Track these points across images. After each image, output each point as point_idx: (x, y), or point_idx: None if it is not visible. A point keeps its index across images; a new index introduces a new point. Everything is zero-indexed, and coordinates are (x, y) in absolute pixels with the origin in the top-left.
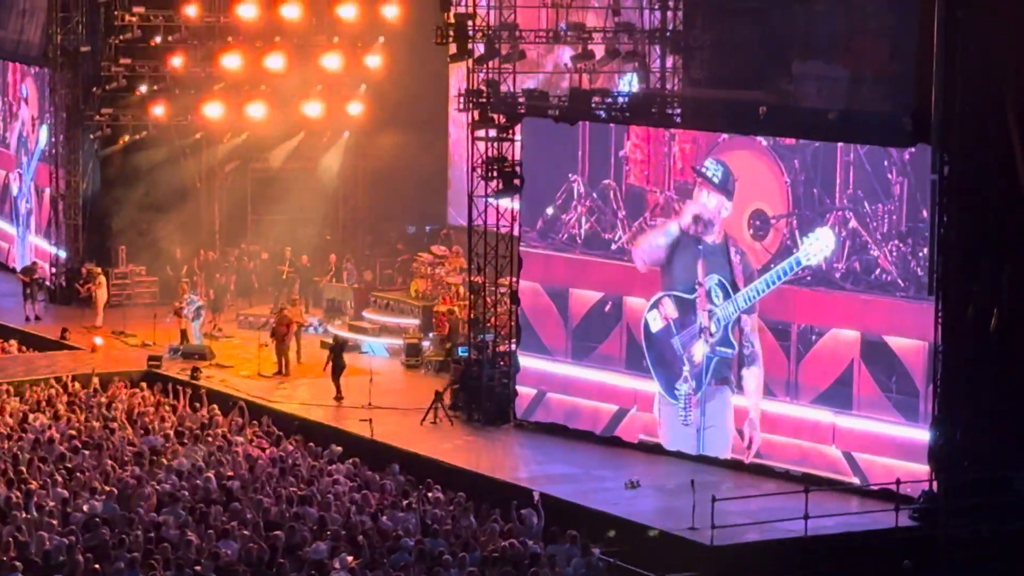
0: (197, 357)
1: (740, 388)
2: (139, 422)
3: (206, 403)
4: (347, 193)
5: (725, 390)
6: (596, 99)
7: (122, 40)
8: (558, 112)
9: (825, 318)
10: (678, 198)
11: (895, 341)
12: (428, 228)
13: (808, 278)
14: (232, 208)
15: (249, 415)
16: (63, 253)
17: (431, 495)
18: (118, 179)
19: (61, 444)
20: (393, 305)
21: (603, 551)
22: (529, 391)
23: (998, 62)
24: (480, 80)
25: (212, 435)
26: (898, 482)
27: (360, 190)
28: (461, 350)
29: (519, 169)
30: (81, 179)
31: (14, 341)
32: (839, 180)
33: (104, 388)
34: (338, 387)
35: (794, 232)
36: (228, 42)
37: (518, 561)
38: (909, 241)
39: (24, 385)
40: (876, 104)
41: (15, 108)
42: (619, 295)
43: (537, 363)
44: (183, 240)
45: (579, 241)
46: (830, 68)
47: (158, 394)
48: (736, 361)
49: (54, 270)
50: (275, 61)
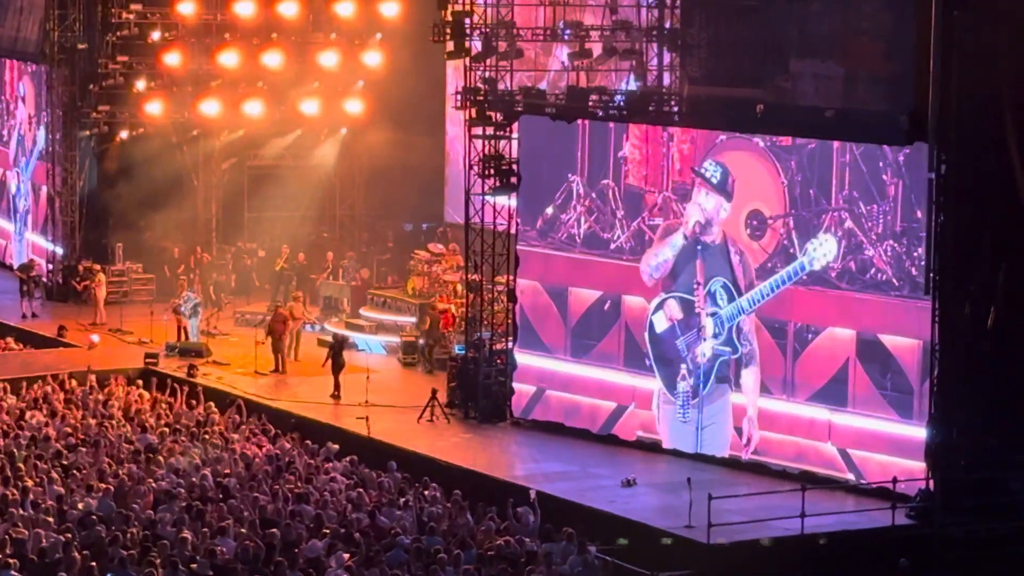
0: (194, 354)
1: (739, 386)
2: (136, 419)
3: (203, 400)
4: (344, 191)
5: (725, 389)
6: (593, 97)
7: (119, 37)
8: (555, 110)
9: (821, 317)
10: (676, 198)
11: (890, 339)
12: (425, 226)
13: (804, 277)
14: (229, 205)
15: (246, 413)
16: (60, 250)
17: (427, 493)
18: (115, 176)
19: (57, 442)
20: (390, 303)
21: (600, 549)
22: (528, 388)
23: (995, 61)
24: (477, 78)
25: (209, 432)
26: (895, 480)
27: (357, 188)
28: (458, 348)
29: (516, 167)
30: (78, 176)
31: (10, 339)
32: (835, 181)
33: (101, 386)
34: (337, 384)
35: (791, 232)
36: (225, 39)
37: (514, 559)
38: (904, 241)
39: (21, 382)
40: (873, 103)
41: (12, 107)
42: (618, 294)
43: (536, 361)
44: (180, 238)
45: (578, 240)
46: (827, 66)
47: (154, 391)
48: (736, 361)
49: (51, 267)
50: (272, 58)
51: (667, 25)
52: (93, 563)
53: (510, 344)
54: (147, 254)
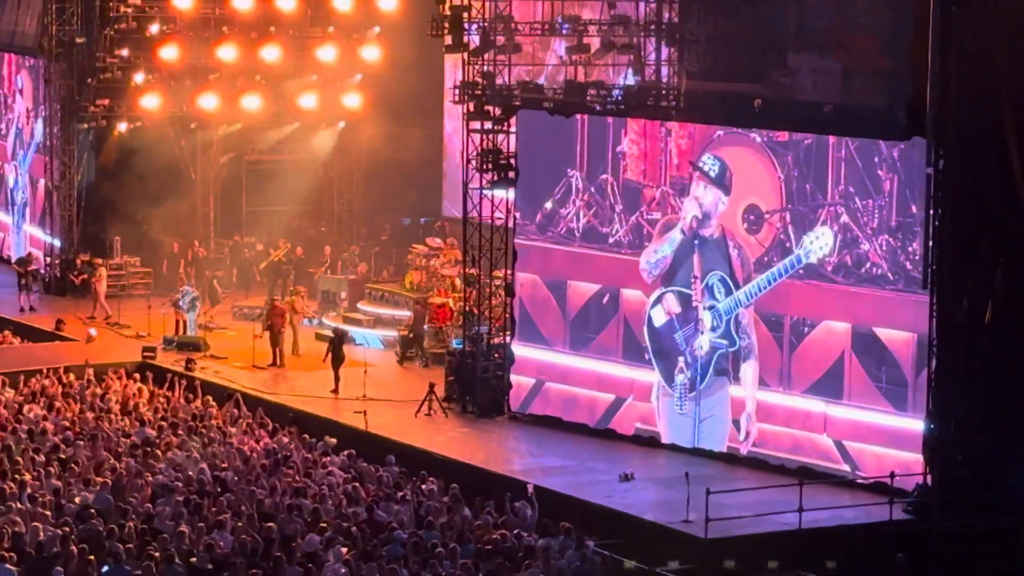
0: (191, 348)
1: (737, 380)
2: (134, 413)
3: (200, 394)
4: (342, 185)
5: (724, 382)
6: (591, 92)
7: (117, 31)
8: (553, 105)
9: (817, 310)
10: (674, 193)
11: (885, 333)
12: (423, 220)
13: (801, 271)
14: (227, 200)
15: (244, 407)
16: (57, 242)
17: (425, 487)
18: (113, 170)
19: (55, 435)
20: (388, 297)
21: (597, 543)
22: (527, 381)
23: (993, 56)
24: (475, 72)
25: (207, 426)
26: (892, 475)
27: (355, 182)
28: (456, 342)
29: (514, 161)
30: (76, 170)
31: (8, 332)
32: (831, 176)
33: (98, 379)
34: (337, 379)
35: (787, 227)
36: (223, 33)
37: (512, 553)
38: (899, 235)
39: (18, 376)
40: (870, 98)
41: (10, 100)
42: (616, 287)
43: (536, 353)
44: (178, 232)
45: (577, 234)
46: (824, 62)
47: (152, 385)
48: (735, 354)
49: (48, 260)
50: (270, 52)
51: (665, 20)
52: (91, 557)
53: (508, 338)
54: (145, 248)
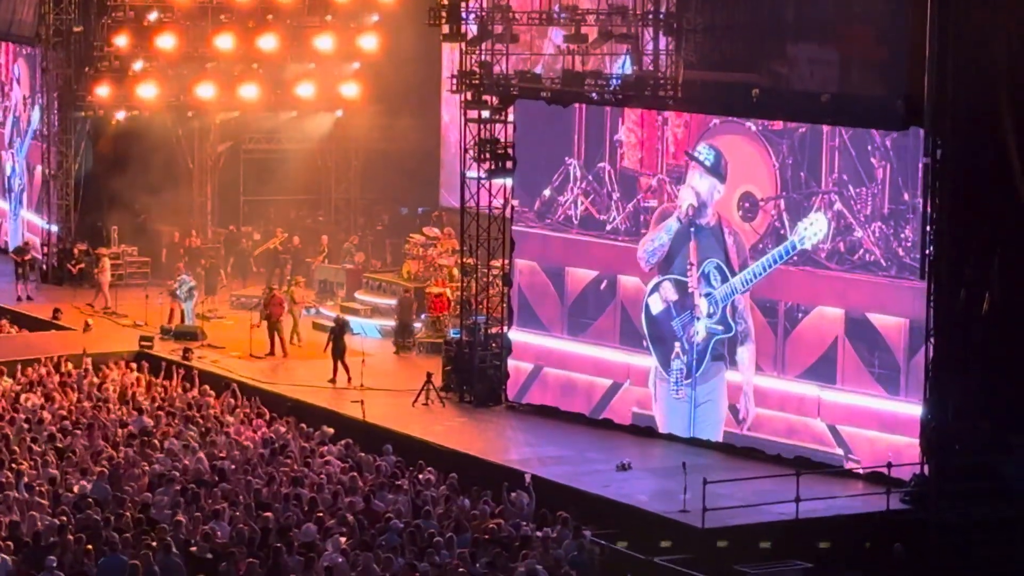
0: (189, 338)
1: (734, 364)
2: (131, 402)
3: (197, 383)
4: (339, 174)
5: (721, 367)
6: (589, 81)
7: (114, 20)
8: (550, 94)
9: (811, 296)
10: (670, 181)
11: (877, 318)
12: (420, 210)
13: (795, 258)
14: (224, 189)
15: (241, 396)
16: (55, 228)
17: (422, 477)
18: (110, 159)
19: (52, 424)
20: (385, 286)
21: (595, 533)
22: (526, 366)
23: (990, 45)
24: (473, 62)
25: (204, 416)
26: (889, 465)
27: (352, 171)
28: (453, 332)
29: (511, 151)
30: (73, 159)
31: (5, 322)
32: (825, 164)
33: (96, 368)
34: (335, 368)
35: (782, 214)
36: (221, 22)
37: (509, 543)
38: (891, 222)
39: (15, 365)
40: (867, 88)
41: (7, 88)
42: (613, 274)
43: (534, 339)
44: (176, 221)
45: (575, 222)
46: (822, 51)
47: (148, 374)
48: (731, 339)
49: (46, 249)
50: (268, 41)
51: (663, 9)
52: (88, 546)
53: (505, 328)
54: (142, 237)
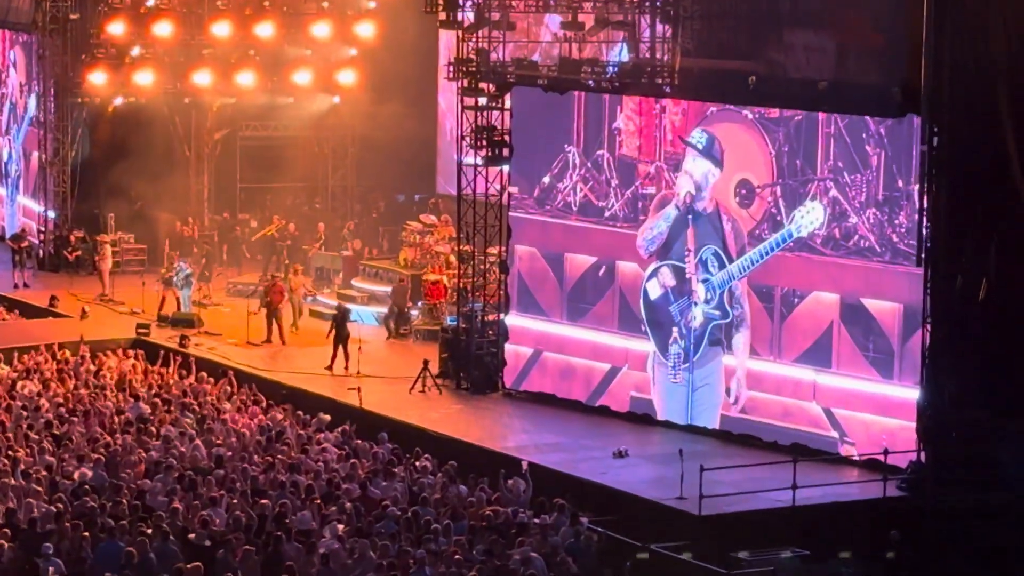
0: (185, 325)
1: (730, 349)
2: (128, 389)
3: (194, 371)
4: (336, 162)
5: (718, 351)
6: (585, 69)
7: (111, 7)
8: (547, 81)
9: (807, 282)
10: (668, 168)
11: (872, 303)
12: (417, 197)
13: (791, 244)
14: (221, 176)
15: (237, 383)
16: (51, 213)
17: (419, 464)
18: (107, 146)
19: (49, 412)
20: (382, 274)
21: (591, 520)
22: (525, 351)
23: (987, 32)
24: (469, 49)
25: (200, 403)
26: (885, 452)
27: (349, 159)
28: (450, 319)
29: (508, 138)
30: (70, 147)
31: (1, 309)
32: (820, 151)
33: (93, 356)
34: (334, 355)
35: (778, 201)
36: (218, 9)
37: (505, 530)
38: (885, 209)
39: (12, 352)
40: (864, 75)
41: (4, 75)
42: (612, 259)
43: (533, 324)
44: (172, 208)
45: (574, 208)
46: (818, 38)
47: (145, 361)
48: (728, 325)
49: (42, 236)
50: (264, 29)
51: None
52: (85, 533)
53: (502, 315)
54: (139, 224)
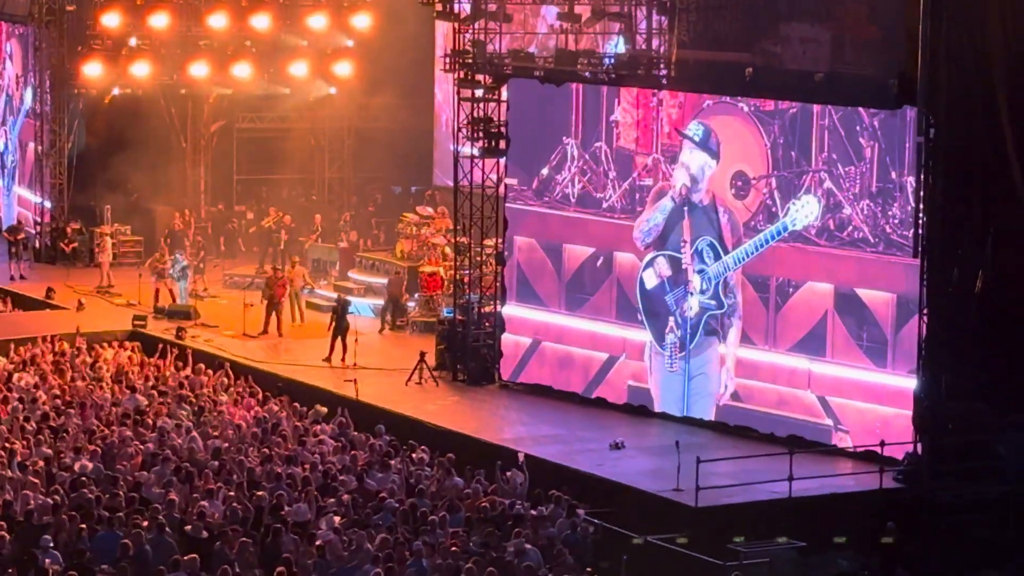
0: (182, 317)
1: (726, 339)
2: (124, 381)
3: (191, 363)
4: (333, 153)
5: (713, 341)
6: (582, 60)
7: None
8: (544, 73)
9: (801, 272)
10: (665, 160)
11: (865, 293)
12: (413, 189)
13: (786, 235)
14: (217, 168)
15: (234, 375)
16: (48, 203)
17: (415, 456)
18: (103, 138)
19: (45, 404)
20: (379, 265)
21: (588, 512)
22: (524, 340)
23: (983, 24)
24: (466, 40)
25: (197, 395)
26: (882, 444)
27: (346, 150)
28: (446, 311)
29: (505, 130)
30: (66, 138)
31: None
32: (815, 144)
33: (89, 347)
34: (332, 347)
35: (773, 192)
36: (214, 1)
37: (502, 521)
38: (879, 200)
39: (8, 344)
40: (859, 67)
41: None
42: (610, 250)
43: (532, 314)
44: (169, 200)
45: (572, 200)
46: (814, 30)
47: (141, 353)
48: (723, 314)
49: (39, 228)
50: (260, 21)
51: None
52: (82, 525)
53: (498, 307)
54: (135, 216)
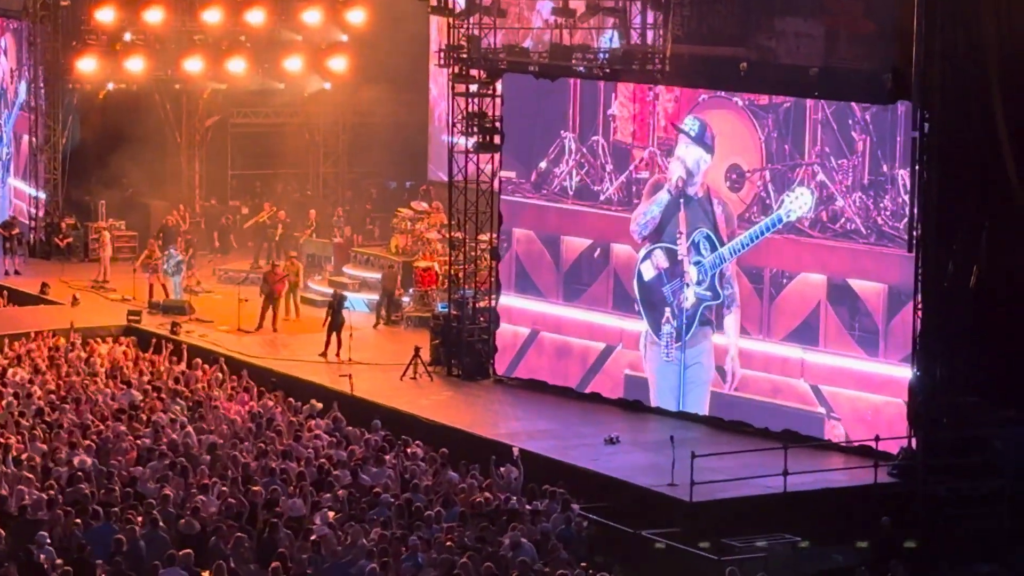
0: (177, 312)
1: (721, 329)
2: (119, 376)
3: (186, 358)
4: (327, 148)
5: (708, 331)
6: (576, 55)
7: None
8: (538, 68)
9: (795, 263)
10: (661, 153)
11: (857, 284)
12: (408, 184)
13: (780, 227)
14: (212, 163)
15: (229, 370)
16: (43, 195)
17: (410, 451)
18: (98, 133)
19: (40, 399)
20: (373, 260)
21: (582, 507)
22: (523, 331)
23: (978, 18)
24: (460, 35)
25: (192, 390)
26: (877, 439)
27: (340, 145)
28: (441, 306)
29: (499, 125)
30: (61, 133)
31: None
32: (808, 137)
33: (84, 343)
34: (328, 342)
35: (767, 185)
36: None
37: (497, 516)
38: (871, 193)
39: (3, 339)
40: (855, 61)
41: None
42: (607, 242)
43: (531, 304)
44: (164, 195)
45: (570, 192)
46: (808, 25)
47: (136, 348)
48: (719, 305)
49: (33, 224)
50: (255, 16)
51: None
52: (77, 520)
53: (493, 302)
54: (130, 211)
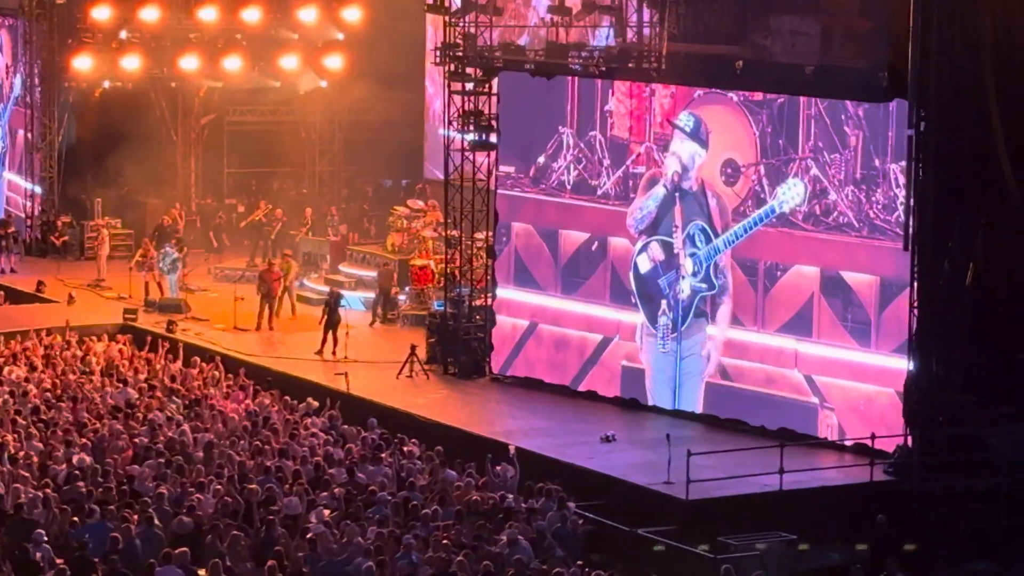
0: (173, 310)
1: (715, 320)
2: (115, 375)
3: (182, 356)
4: (323, 147)
5: (703, 323)
6: (572, 53)
7: None
8: (534, 66)
9: (789, 256)
10: (657, 148)
11: (850, 276)
12: (404, 182)
13: (774, 220)
14: (208, 161)
15: (225, 369)
16: (39, 189)
17: (406, 449)
18: (94, 131)
19: (36, 397)
20: (369, 259)
21: (578, 505)
22: (522, 323)
23: (974, 16)
24: (456, 34)
25: (188, 388)
26: (873, 437)
27: (336, 144)
28: (437, 304)
29: (495, 123)
30: (56, 131)
31: None
32: (802, 132)
33: (80, 341)
34: (324, 340)
35: (762, 179)
36: None
37: (493, 515)
38: (864, 187)
39: None
40: (850, 60)
41: None
42: (604, 236)
43: (529, 297)
44: (160, 193)
45: (568, 187)
46: (804, 23)
47: (132, 346)
48: (713, 297)
49: (29, 221)
50: (251, 14)
51: None
52: (74, 518)
53: (489, 300)
54: (126, 209)
